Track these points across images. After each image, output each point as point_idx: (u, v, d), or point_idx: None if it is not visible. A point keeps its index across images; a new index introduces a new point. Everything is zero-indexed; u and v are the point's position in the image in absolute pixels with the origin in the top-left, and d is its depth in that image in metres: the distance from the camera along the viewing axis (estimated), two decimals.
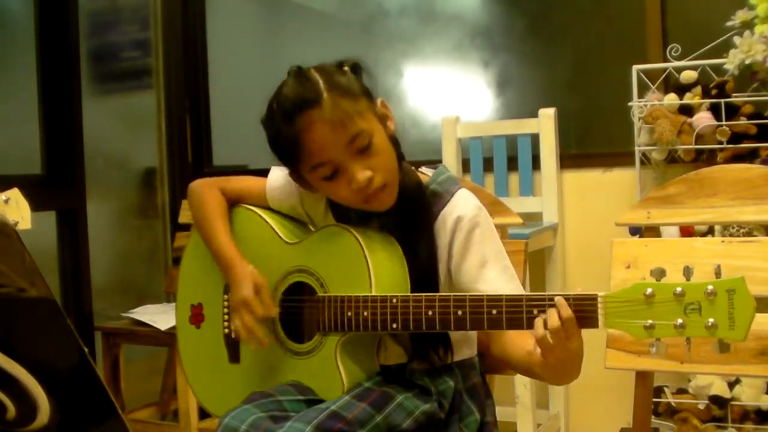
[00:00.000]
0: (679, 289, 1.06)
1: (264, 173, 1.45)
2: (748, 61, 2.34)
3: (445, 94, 3.24)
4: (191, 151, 3.59)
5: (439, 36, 3.24)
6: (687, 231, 2.35)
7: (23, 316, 0.96)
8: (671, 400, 2.44)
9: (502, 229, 1.47)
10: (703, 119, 2.43)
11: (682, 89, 2.52)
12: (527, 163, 2.84)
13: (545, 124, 2.78)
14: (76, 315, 2.96)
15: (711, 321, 1.05)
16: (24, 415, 0.98)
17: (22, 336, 0.97)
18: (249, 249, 1.41)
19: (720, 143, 2.42)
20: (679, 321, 1.06)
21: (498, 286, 1.28)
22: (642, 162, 2.58)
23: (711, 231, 2.37)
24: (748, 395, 2.33)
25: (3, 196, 1.66)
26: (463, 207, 1.32)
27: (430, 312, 1.20)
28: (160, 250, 3.54)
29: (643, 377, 1.58)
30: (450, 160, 2.91)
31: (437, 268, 1.31)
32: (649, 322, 1.07)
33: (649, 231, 1.67)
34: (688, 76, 2.50)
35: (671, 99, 2.51)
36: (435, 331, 1.23)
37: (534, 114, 2.80)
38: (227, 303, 1.44)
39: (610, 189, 2.77)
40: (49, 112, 2.98)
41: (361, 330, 1.24)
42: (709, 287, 1.05)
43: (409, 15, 3.32)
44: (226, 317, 1.44)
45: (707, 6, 2.77)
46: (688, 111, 2.49)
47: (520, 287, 1.33)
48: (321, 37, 3.46)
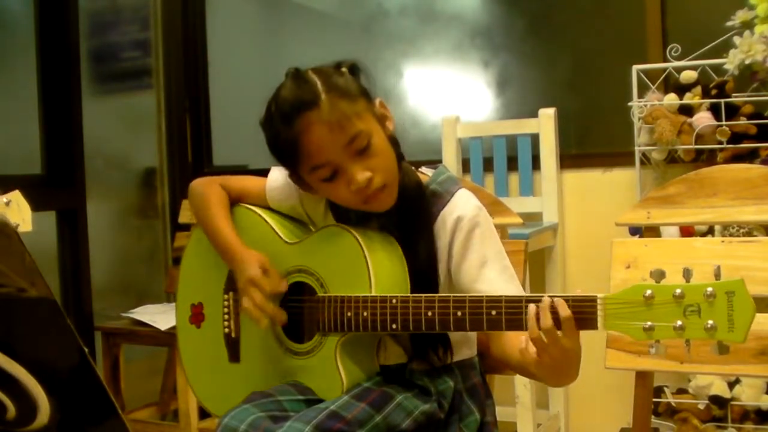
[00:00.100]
0: (679, 291, 1.06)
1: (264, 173, 1.45)
2: (748, 61, 2.34)
3: (445, 94, 3.24)
4: (191, 151, 3.59)
5: (439, 36, 3.24)
6: (687, 231, 2.35)
7: (23, 316, 0.96)
8: (671, 400, 2.44)
9: (502, 229, 1.47)
10: (703, 119, 2.43)
11: (682, 89, 2.52)
12: (527, 163, 2.84)
13: (545, 124, 2.78)
14: (76, 315, 2.96)
15: (710, 323, 1.04)
16: (24, 415, 0.98)
17: (22, 336, 0.98)
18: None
19: (720, 143, 2.42)
20: (679, 323, 1.06)
21: (498, 286, 1.28)
22: (642, 162, 2.58)
23: (711, 231, 2.37)
24: (748, 395, 2.33)
25: (4, 198, 1.65)
26: (463, 207, 1.32)
27: (429, 313, 1.20)
28: (160, 250, 3.54)
29: (643, 377, 1.58)
30: (450, 160, 2.91)
31: (437, 268, 1.31)
32: (649, 323, 1.07)
33: (649, 231, 1.67)
34: (688, 76, 2.50)
35: (671, 99, 2.50)
36: (434, 332, 1.22)
37: (534, 114, 2.80)
38: (227, 303, 1.44)
39: (610, 189, 2.77)
40: (49, 112, 2.98)
41: (361, 330, 1.24)
42: (709, 289, 1.04)
43: (409, 15, 3.32)
44: (226, 317, 1.44)
45: (707, 6, 2.77)
46: (688, 111, 2.49)
47: (519, 287, 1.33)
48: (321, 37, 3.46)
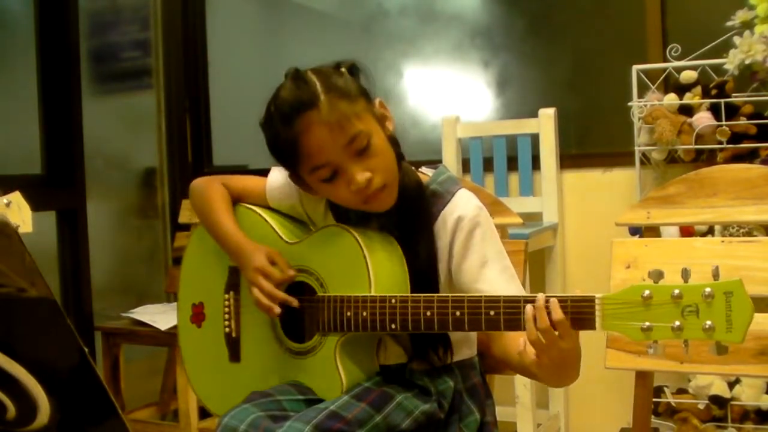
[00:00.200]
0: (677, 291, 1.06)
1: (264, 173, 1.45)
2: (748, 61, 2.34)
3: (445, 94, 3.24)
4: (191, 151, 3.59)
5: (439, 36, 3.24)
6: (687, 231, 2.35)
7: (23, 316, 0.96)
8: (671, 400, 2.44)
9: (502, 229, 1.47)
10: (703, 119, 2.43)
11: (682, 89, 2.52)
12: (527, 163, 2.84)
13: (545, 124, 2.78)
14: (76, 315, 2.96)
15: (708, 323, 1.04)
16: (24, 415, 0.98)
17: (22, 336, 0.98)
18: None
19: (720, 143, 2.42)
20: (677, 323, 1.06)
21: (498, 286, 1.28)
22: (642, 162, 2.58)
23: (711, 231, 2.37)
24: (747, 395, 2.33)
25: (4, 199, 1.65)
26: (464, 207, 1.32)
27: (428, 312, 1.20)
28: (160, 250, 3.54)
29: (643, 377, 1.58)
30: (450, 160, 2.91)
31: (437, 268, 1.31)
32: (647, 324, 1.07)
33: (649, 231, 1.67)
34: (688, 76, 2.50)
35: (671, 99, 2.50)
36: (433, 332, 1.22)
37: (534, 114, 2.80)
38: (228, 302, 1.44)
39: (610, 189, 2.77)
40: (49, 112, 2.98)
41: (360, 330, 1.24)
42: (707, 289, 1.04)
43: (409, 15, 3.32)
44: (226, 316, 1.44)
45: (707, 6, 2.77)
46: (688, 111, 2.49)
47: (520, 287, 1.33)
48: (321, 37, 3.46)
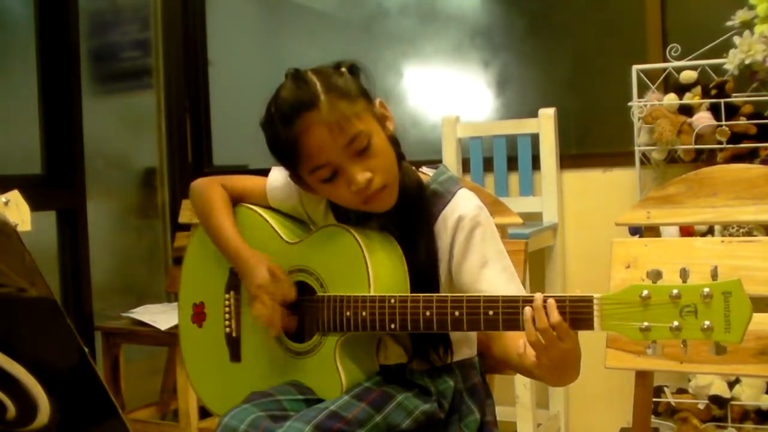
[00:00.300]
0: (675, 291, 1.06)
1: (264, 173, 1.45)
2: (747, 61, 2.34)
3: (445, 94, 3.24)
4: (191, 151, 3.59)
5: (439, 36, 3.24)
6: (687, 231, 2.35)
7: (23, 316, 0.96)
8: (671, 399, 2.44)
9: (502, 229, 1.47)
10: (703, 119, 2.43)
11: (681, 89, 2.52)
12: (527, 163, 2.84)
13: (545, 124, 2.78)
14: (76, 315, 2.96)
15: (707, 324, 1.04)
16: (24, 415, 0.98)
17: (22, 336, 0.98)
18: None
19: (720, 143, 2.42)
20: (675, 323, 1.06)
21: (498, 286, 1.28)
22: (642, 162, 2.58)
23: (711, 231, 2.37)
24: (747, 395, 2.33)
25: (3, 198, 1.65)
26: (465, 207, 1.32)
27: (427, 312, 1.20)
28: (160, 250, 3.54)
29: (643, 377, 1.58)
30: (450, 160, 2.91)
31: (437, 267, 1.31)
32: (645, 324, 1.07)
33: (649, 231, 1.67)
34: (687, 76, 2.50)
35: (671, 99, 2.50)
36: (433, 332, 1.22)
37: (534, 114, 2.80)
38: (228, 302, 1.44)
39: (610, 189, 2.77)
40: (49, 112, 2.98)
41: (360, 330, 1.24)
42: (705, 289, 1.04)
43: (409, 15, 3.32)
44: (227, 316, 1.44)
45: (707, 6, 2.77)
46: (687, 111, 2.49)
47: (520, 287, 1.33)
48: (321, 37, 3.46)
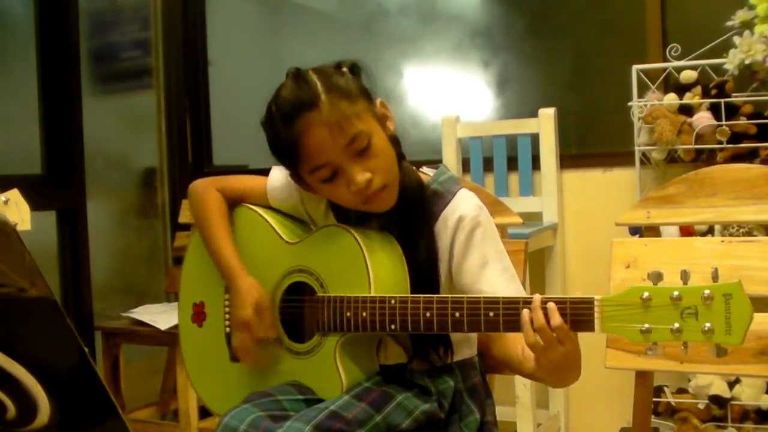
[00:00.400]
0: (676, 293, 1.05)
1: (264, 173, 1.45)
2: (747, 61, 2.34)
3: (445, 94, 3.24)
4: (191, 151, 3.59)
5: (439, 36, 3.24)
6: (687, 231, 2.35)
7: (23, 316, 0.96)
8: (671, 399, 2.44)
9: (502, 229, 1.47)
10: (703, 119, 2.43)
11: (681, 89, 2.52)
12: (527, 163, 2.84)
13: (545, 124, 2.78)
14: (76, 315, 2.96)
15: (707, 326, 1.04)
16: (24, 415, 0.98)
17: (22, 336, 0.97)
18: (250, 248, 1.42)
19: (720, 143, 2.42)
20: (676, 325, 1.05)
21: (498, 287, 1.27)
22: (642, 162, 2.58)
23: (711, 231, 2.37)
24: (747, 395, 2.33)
25: (3, 197, 1.65)
26: (465, 207, 1.31)
27: (427, 313, 1.20)
28: (160, 250, 3.54)
29: (643, 377, 1.58)
30: (450, 160, 2.91)
31: (437, 268, 1.31)
32: (646, 326, 1.07)
33: (649, 231, 1.67)
34: (687, 76, 2.50)
35: (671, 99, 2.50)
36: (433, 333, 1.22)
37: (534, 114, 2.80)
38: (228, 302, 1.44)
39: (610, 189, 2.77)
40: (49, 112, 2.98)
41: (360, 330, 1.24)
42: (706, 291, 1.04)
43: (409, 15, 3.32)
44: (227, 316, 1.44)
45: (707, 6, 2.77)
46: (687, 111, 2.49)
47: (520, 288, 1.33)
48: (321, 37, 3.46)
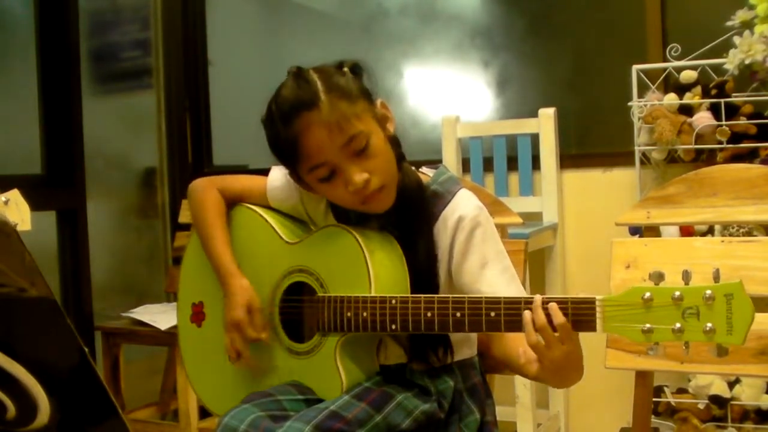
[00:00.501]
0: (678, 294, 1.06)
1: (264, 173, 1.45)
2: (747, 61, 2.34)
3: (445, 94, 3.24)
4: (191, 151, 3.59)
5: (439, 36, 3.24)
6: (687, 231, 2.35)
7: (23, 316, 0.96)
8: (671, 399, 2.44)
9: (502, 229, 1.47)
10: (703, 119, 2.43)
11: (681, 89, 2.52)
12: (527, 163, 2.84)
13: (545, 124, 2.78)
14: (76, 315, 2.96)
15: (709, 326, 1.04)
16: (24, 415, 0.98)
17: (22, 336, 0.97)
18: (249, 248, 1.42)
19: (720, 143, 2.42)
20: (678, 325, 1.06)
21: (498, 287, 1.27)
22: (642, 162, 2.58)
23: (711, 231, 2.37)
24: (747, 395, 2.33)
25: (3, 197, 1.65)
26: (465, 207, 1.31)
27: (428, 314, 1.20)
28: (160, 250, 3.54)
29: (643, 377, 1.58)
30: (450, 160, 2.91)
31: (437, 268, 1.31)
32: (648, 326, 1.07)
33: (649, 231, 1.67)
34: (687, 76, 2.50)
35: (671, 99, 2.50)
36: (434, 333, 1.22)
37: (534, 114, 2.80)
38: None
39: (610, 189, 2.77)
40: (49, 112, 2.98)
41: (360, 330, 1.24)
42: (707, 292, 1.04)
43: (409, 15, 3.32)
44: None
45: (707, 6, 2.77)
46: (687, 111, 2.49)
47: (520, 288, 1.33)
48: (321, 37, 3.46)
